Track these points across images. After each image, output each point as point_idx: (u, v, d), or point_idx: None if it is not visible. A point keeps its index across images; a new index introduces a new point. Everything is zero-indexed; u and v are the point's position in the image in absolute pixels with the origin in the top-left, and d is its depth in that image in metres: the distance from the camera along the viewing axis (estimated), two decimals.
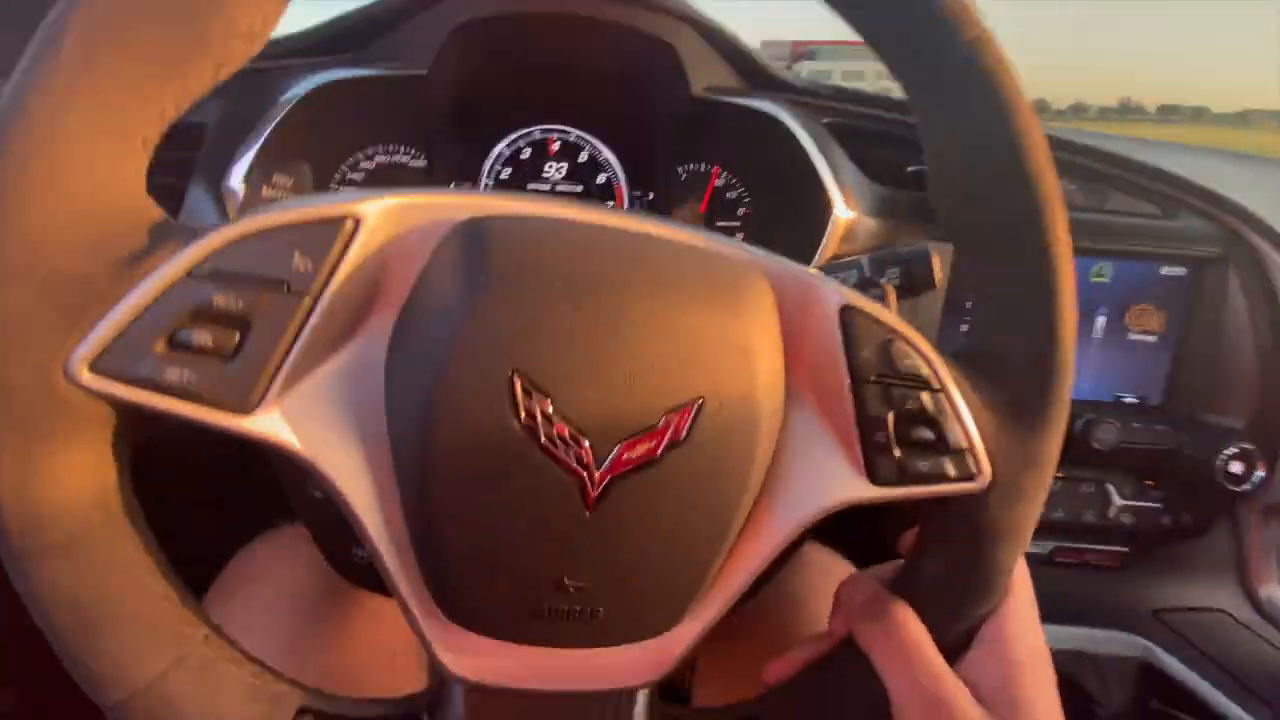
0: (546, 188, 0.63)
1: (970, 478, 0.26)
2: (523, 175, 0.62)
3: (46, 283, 0.20)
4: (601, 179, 0.64)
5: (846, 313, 0.25)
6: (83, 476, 0.21)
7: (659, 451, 0.22)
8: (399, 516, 0.23)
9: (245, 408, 0.21)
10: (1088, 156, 0.59)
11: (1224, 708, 0.52)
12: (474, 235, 0.23)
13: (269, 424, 0.22)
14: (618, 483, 0.22)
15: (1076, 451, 0.57)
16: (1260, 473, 0.55)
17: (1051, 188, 0.26)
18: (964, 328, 0.59)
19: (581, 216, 0.25)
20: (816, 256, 0.55)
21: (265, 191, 0.27)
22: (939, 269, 0.42)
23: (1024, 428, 0.27)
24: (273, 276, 0.21)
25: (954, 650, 0.28)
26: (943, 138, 0.27)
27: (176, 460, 0.36)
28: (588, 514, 0.22)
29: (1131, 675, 0.57)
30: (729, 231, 0.65)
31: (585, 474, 0.22)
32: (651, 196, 0.65)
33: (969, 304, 0.57)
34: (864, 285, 0.44)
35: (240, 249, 0.21)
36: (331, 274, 0.22)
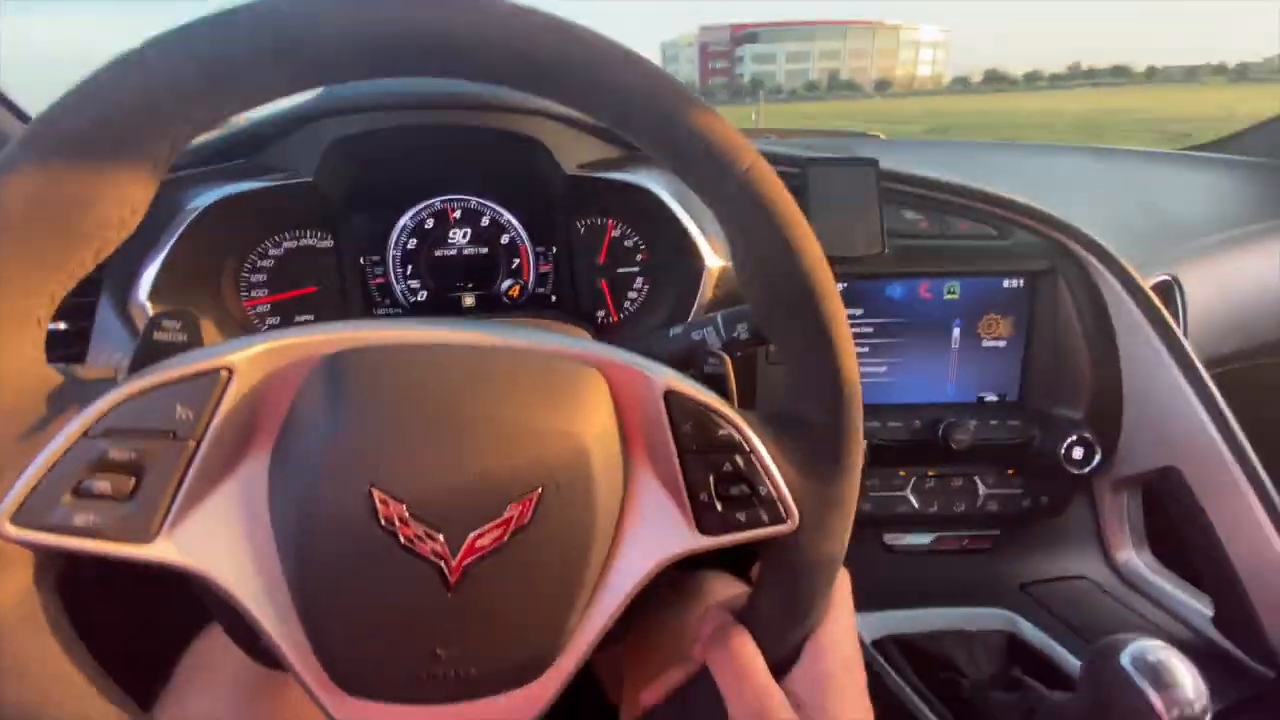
0: (454, 252, 0.68)
1: (781, 521, 0.31)
2: (429, 243, 0.67)
3: None
4: (505, 239, 0.69)
5: (670, 395, 0.30)
6: (14, 606, 0.26)
7: (506, 538, 0.27)
8: (290, 611, 0.28)
9: (145, 539, 0.26)
10: (929, 189, 0.66)
11: (1072, 668, 0.59)
12: (331, 374, 0.27)
13: (167, 550, 0.26)
14: (472, 567, 0.27)
15: (942, 453, 0.64)
16: (1098, 456, 0.63)
17: (825, 281, 0.31)
18: None
19: (428, 338, 0.30)
20: (695, 302, 0.61)
21: (157, 335, 0.31)
22: None
23: (822, 475, 0.32)
24: (159, 428, 0.26)
25: (781, 667, 0.34)
26: (736, 245, 0.32)
27: (117, 578, 0.40)
28: (449, 595, 0.27)
29: (997, 647, 0.63)
30: (629, 278, 0.71)
31: (442, 563, 0.27)
32: (554, 250, 0.70)
33: None
34: (720, 345, 0.50)
35: (128, 407, 0.26)
36: (211, 419, 0.26)
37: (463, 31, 0.25)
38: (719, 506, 0.30)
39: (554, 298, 0.71)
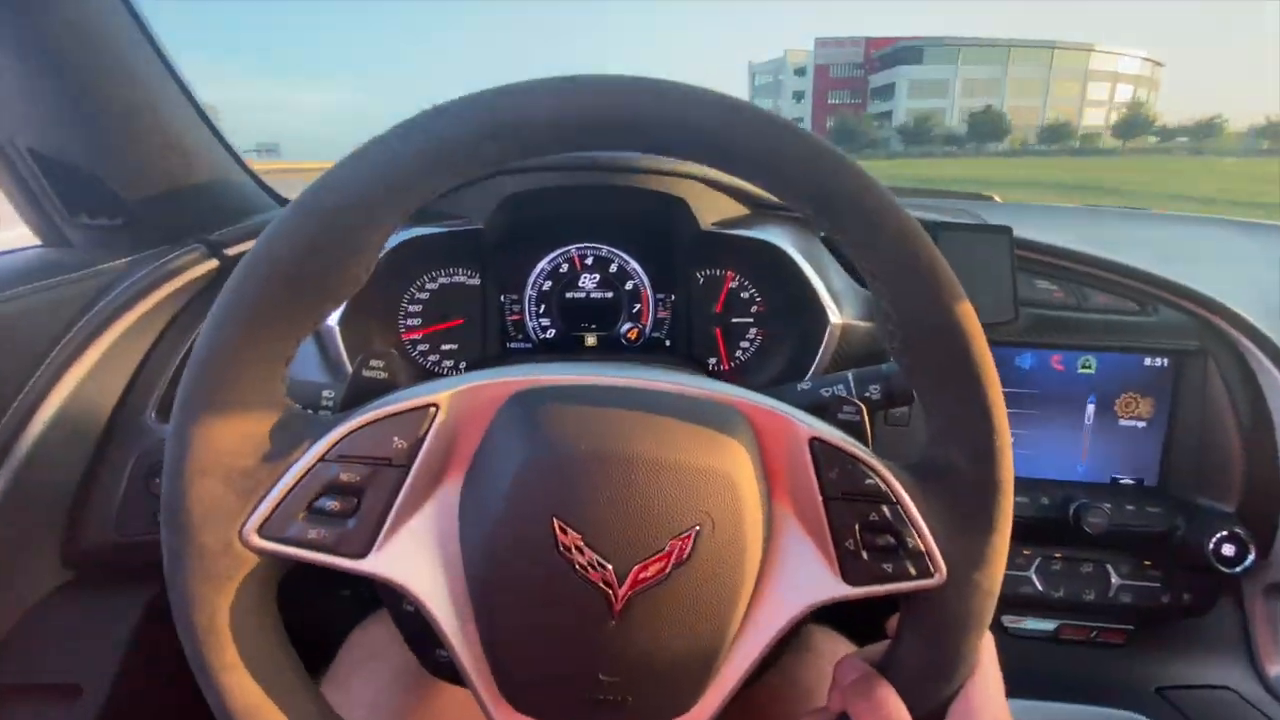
0: (582, 294, 0.73)
1: (929, 575, 0.31)
2: (561, 285, 0.72)
3: (227, 476, 0.29)
4: (629, 285, 0.73)
5: (815, 442, 0.32)
6: (252, 611, 0.30)
7: (667, 571, 0.29)
8: (472, 627, 0.31)
9: (362, 554, 0.30)
10: (1066, 259, 0.65)
11: None
12: (517, 412, 0.31)
13: (378, 564, 0.30)
14: (636, 597, 0.29)
15: (1072, 535, 0.60)
16: (1252, 555, 0.57)
17: (976, 332, 0.31)
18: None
19: (597, 381, 0.33)
20: (817, 359, 0.62)
21: (366, 372, 0.37)
22: None
23: (972, 531, 0.32)
24: (379, 456, 0.30)
25: None
26: (884, 296, 0.32)
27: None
28: (614, 622, 0.29)
29: None
30: (744, 327, 0.73)
31: (610, 591, 0.29)
32: (674, 298, 0.74)
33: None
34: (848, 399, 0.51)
35: (356, 437, 0.30)
36: (419, 448, 0.30)
37: (646, 115, 0.28)
38: (865, 556, 0.31)
39: (668, 342, 0.74)
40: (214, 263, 0.55)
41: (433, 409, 0.31)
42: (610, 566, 0.29)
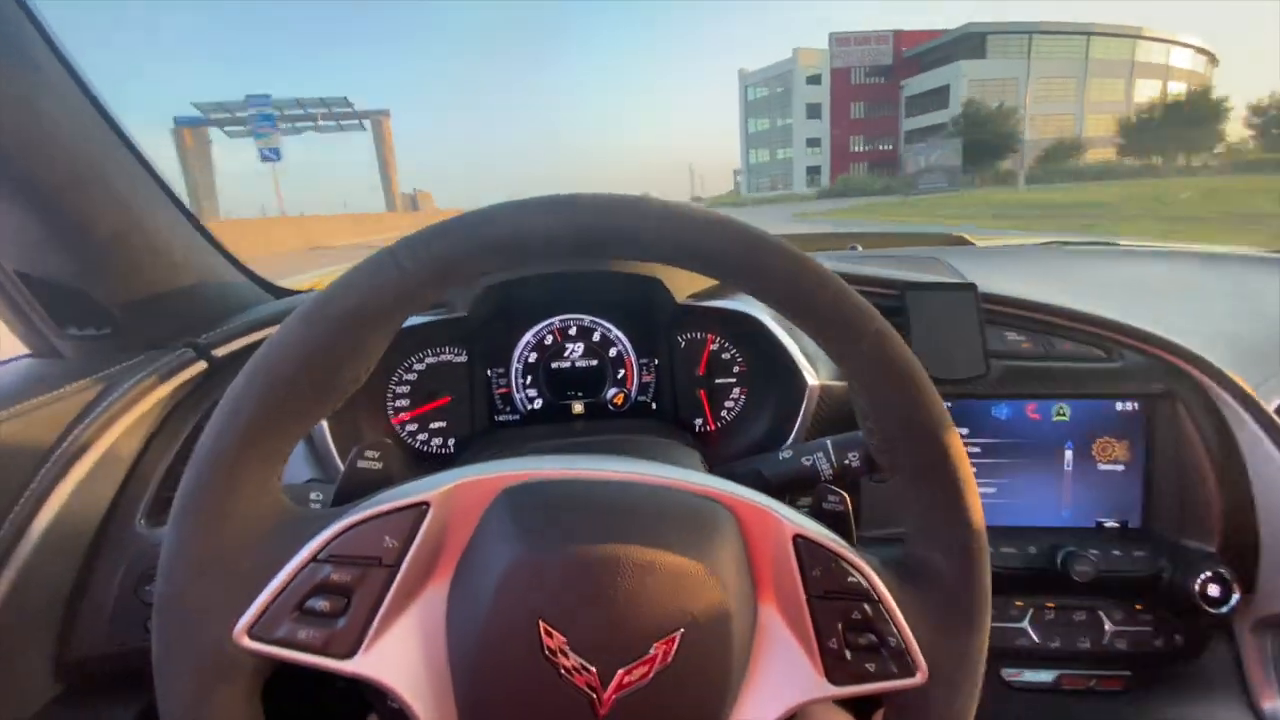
0: (568, 364, 0.74)
1: (911, 674, 0.32)
2: (547, 356, 0.74)
3: (223, 576, 0.29)
4: (613, 352, 0.75)
5: (799, 540, 0.32)
6: (237, 712, 0.30)
7: (651, 675, 0.30)
8: None
9: (349, 655, 0.30)
10: (1031, 310, 0.67)
11: None
12: (505, 511, 0.32)
13: (364, 665, 0.30)
14: (621, 701, 0.30)
15: (1063, 583, 0.61)
16: (1236, 594, 0.58)
17: (954, 440, 0.33)
18: None
19: (585, 475, 0.34)
20: (798, 422, 0.64)
21: (360, 464, 0.37)
22: None
23: (953, 630, 0.32)
24: (370, 555, 0.30)
25: None
26: (863, 400, 0.34)
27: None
28: None
29: None
30: (727, 388, 0.75)
31: (595, 695, 0.30)
32: (657, 362, 0.75)
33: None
34: (832, 474, 0.52)
35: (347, 537, 0.31)
36: (408, 548, 0.31)
37: (638, 231, 0.31)
38: (848, 655, 0.32)
39: (654, 405, 0.75)
40: (202, 365, 0.56)
41: (424, 507, 0.31)
42: (594, 670, 0.29)
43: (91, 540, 0.50)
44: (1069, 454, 0.66)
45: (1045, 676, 0.65)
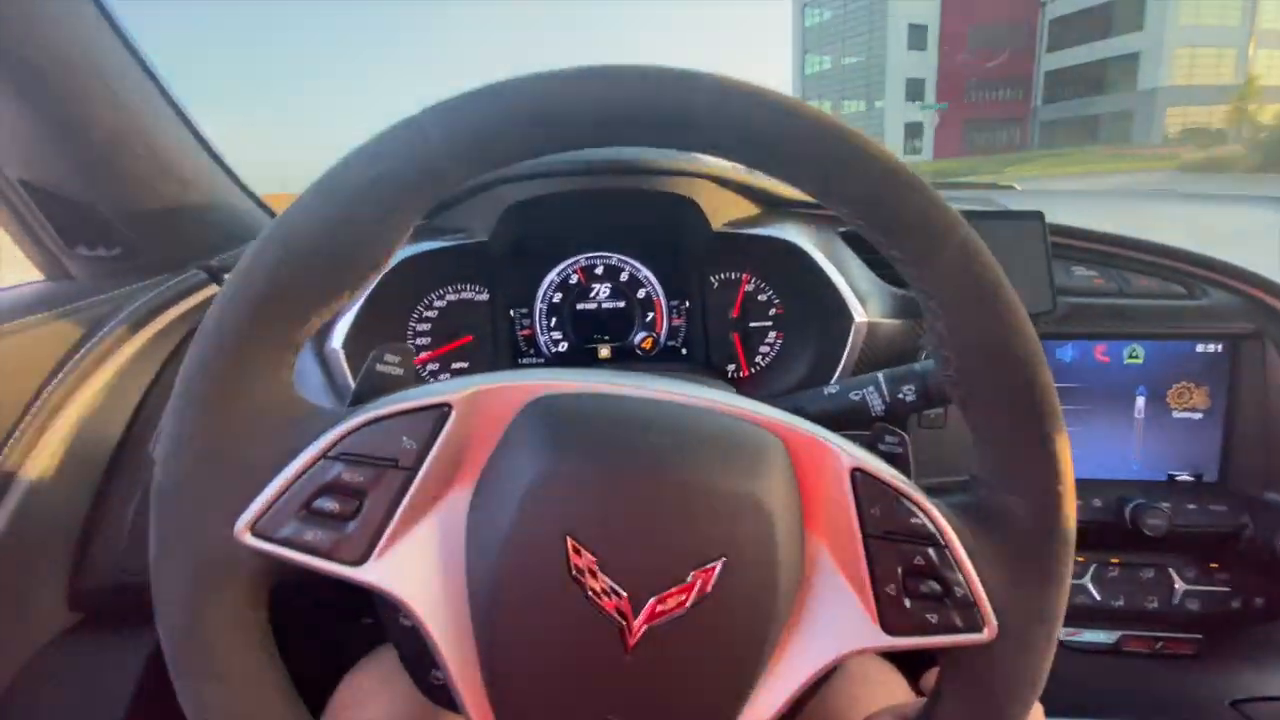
0: (594, 305, 0.71)
1: (977, 629, 0.28)
2: (572, 297, 0.70)
3: (225, 467, 0.27)
4: (641, 293, 0.71)
5: (856, 474, 0.29)
6: (238, 618, 0.27)
7: (688, 605, 0.26)
8: (472, 648, 0.28)
9: (359, 561, 0.27)
10: (1104, 243, 0.61)
11: None
12: (535, 419, 0.28)
13: (375, 574, 0.27)
14: (652, 632, 0.26)
15: (1130, 538, 0.56)
16: None
17: (1043, 369, 0.28)
18: None
19: (620, 390, 0.30)
20: (842, 361, 0.59)
21: (380, 367, 0.34)
22: None
23: (1029, 583, 0.29)
24: (386, 455, 0.27)
25: None
26: (940, 320, 0.30)
27: (296, 595, 0.43)
28: (627, 657, 0.27)
29: None
30: (762, 332, 0.71)
31: (624, 623, 0.26)
32: (688, 304, 0.71)
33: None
34: (883, 410, 0.48)
35: (362, 435, 0.27)
36: (428, 451, 0.28)
37: (698, 110, 0.26)
38: (907, 603, 0.28)
39: (685, 350, 0.72)
40: (214, 288, 0.54)
41: (446, 409, 0.28)
42: (626, 595, 0.26)
43: (106, 465, 0.49)
44: (1141, 401, 0.60)
45: (1105, 637, 0.61)
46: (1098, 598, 0.59)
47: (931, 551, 0.28)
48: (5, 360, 0.43)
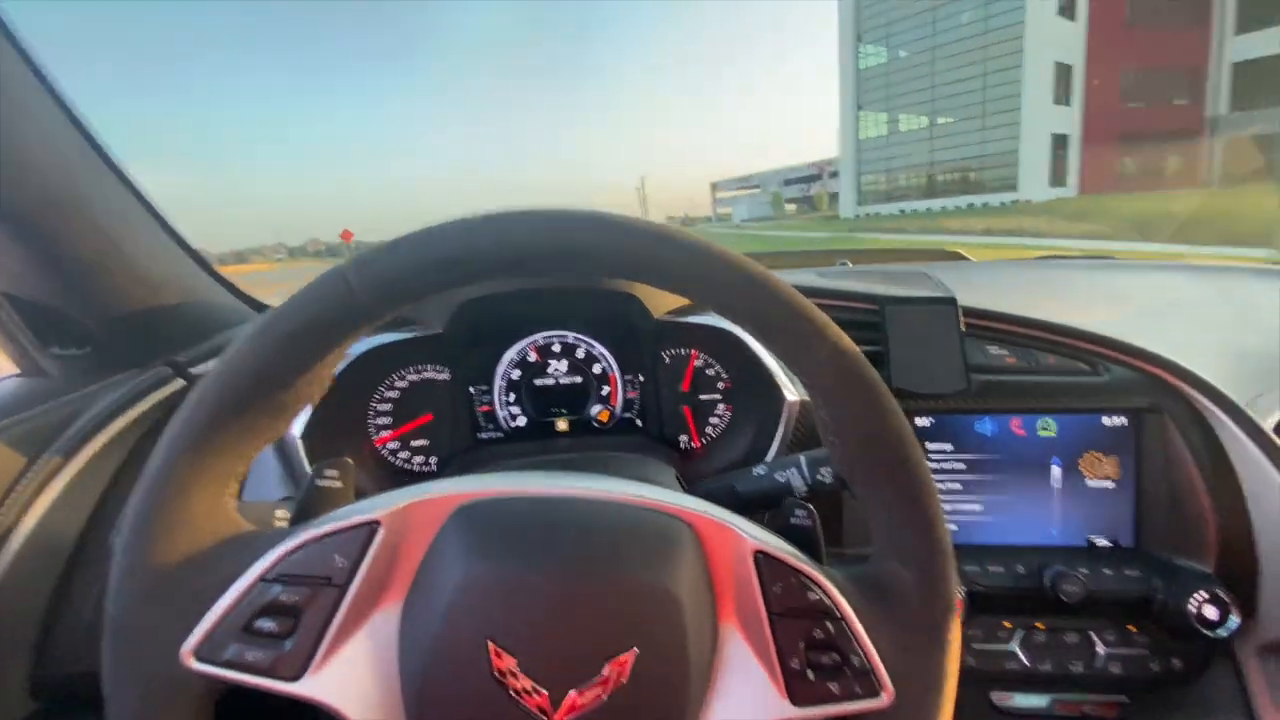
0: (552, 381, 0.74)
1: (876, 695, 0.31)
2: (530, 373, 0.74)
3: (172, 597, 0.29)
4: (597, 368, 0.75)
5: (759, 555, 0.32)
6: None
7: (604, 697, 0.29)
8: None
9: (297, 676, 0.30)
10: (1013, 324, 0.66)
11: None
12: (459, 527, 0.31)
13: (312, 688, 0.30)
14: None
15: (1053, 604, 0.59)
16: (1234, 618, 0.55)
17: (910, 447, 0.32)
18: None
19: (540, 490, 0.33)
20: (777, 436, 0.63)
21: (319, 483, 0.38)
22: None
23: (919, 649, 0.31)
24: (320, 574, 0.30)
25: None
26: (821, 410, 0.34)
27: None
28: None
29: None
30: (711, 404, 0.75)
31: (545, 717, 0.29)
32: (641, 378, 0.75)
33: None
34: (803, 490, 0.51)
35: (298, 555, 0.30)
36: (358, 568, 0.31)
37: (584, 244, 0.31)
38: (811, 675, 0.31)
39: (639, 422, 0.75)
40: (180, 383, 0.57)
41: (374, 525, 0.31)
42: (546, 692, 0.29)
43: (68, 557, 0.51)
44: (1056, 470, 0.64)
45: (1038, 701, 0.63)
46: (1027, 663, 0.62)
47: (830, 624, 0.31)
48: None
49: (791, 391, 0.63)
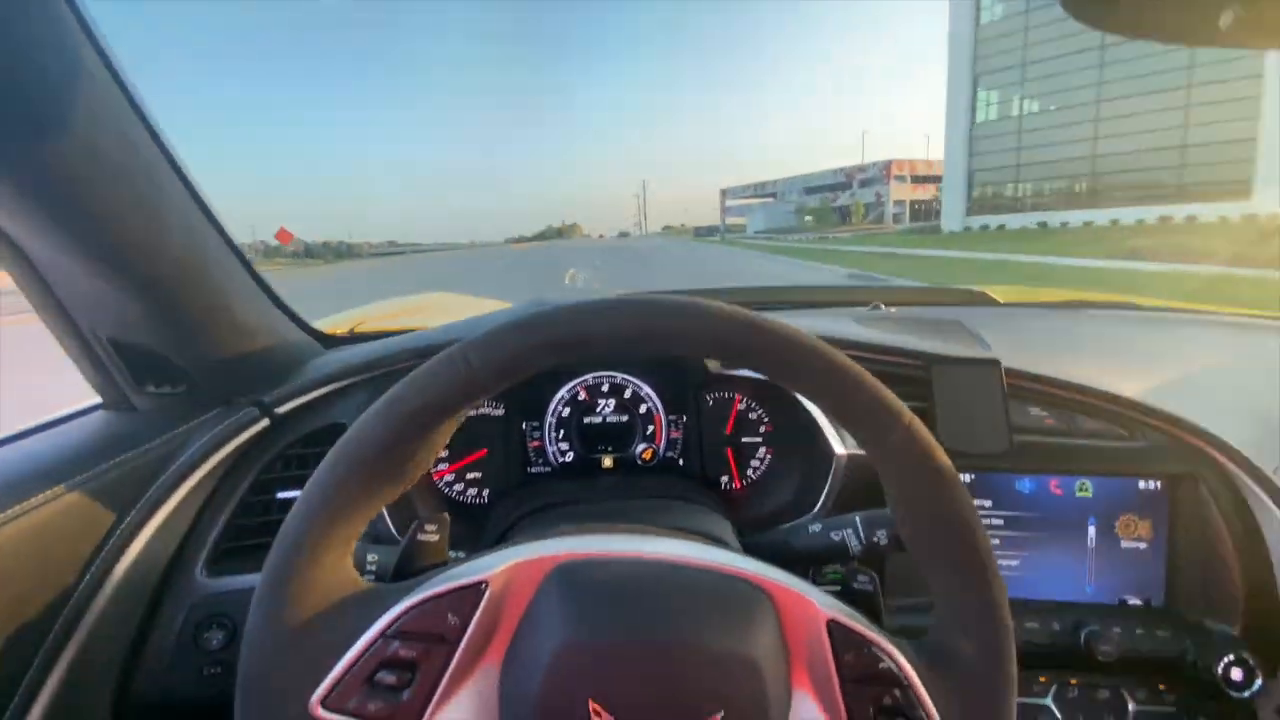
0: (599, 419, 0.77)
1: None
2: (579, 411, 0.77)
3: (300, 650, 0.32)
4: (643, 409, 0.77)
5: (832, 625, 0.34)
6: None
7: None
8: None
9: None
10: (1054, 388, 0.69)
11: None
12: (558, 589, 0.34)
13: None
14: None
15: (1086, 660, 0.62)
16: (1259, 680, 0.58)
17: (978, 533, 0.35)
18: None
19: (635, 554, 0.36)
20: (824, 492, 0.66)
21: (420, 537, 0.41)
22: None
23: (979, 714, 0.34)
24: (434, 632, 0.33)
25: None
26: (894, 490, 0.36)
27: None
28: None
29: None
30: (753, 447, 0.77)
31: None
32: (685, 419, 0.78)
33: None
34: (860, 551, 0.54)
35: (414, 613, 0.33)
36: (468, 625, 0.33)
37: (690, 332, 0.34)
38: None
39: (681, 462, 0.78)
40: (266, 423, 0.60)
41: (484, 586, 0.34)
42: None
43: (155, 589, 0.53)
44: (1092, 530, 0.67)
45: None
46: (1060, 717, 0.64)
47: (898, 692, 0.33)
48: (85, 503, 0.48)
49: (840, 446, 0.66)
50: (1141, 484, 0.66)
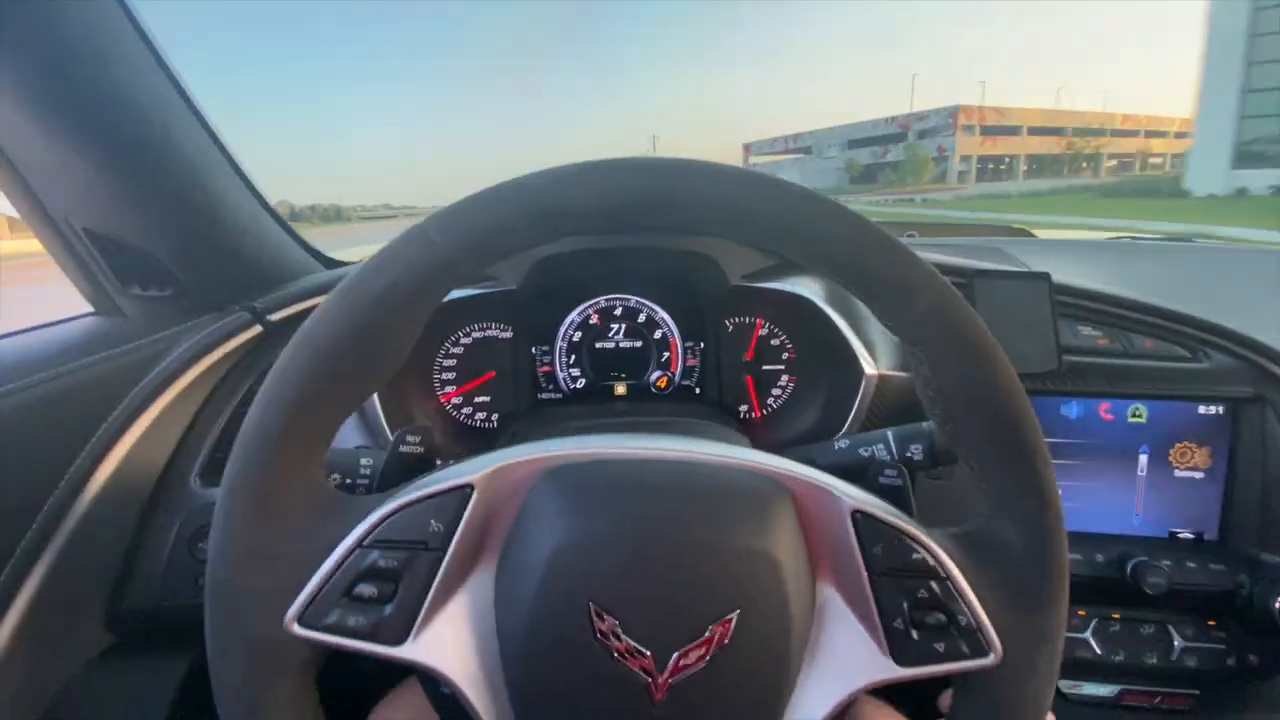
0: (612, 344, 0.73)
1: (984, 654, 0.30)
2: (591, 336, 0.73)
3: (271, 562, 0.29)
4: (658, 334, 0.73)
5: (857, 515, 0.31)
6: (293, 702, 0.29)
7: (708, 658, 0.29)
8: (509, 711, 0.30)
9: (399, 641, 0.29)
10: (1109, 305, 0.63)
11: None
12: (551, 489, 0.31)
13: (415, 651, 0.29)
14: (678, 685, 0.28)
15: (1131, 594, 0.58)
16: None
17: (1022, 403, 0.30)
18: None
19: (632, 453, 0.32)
20: (852, 413, 0.61)
21: (402, 449, 0.37)
22: None
23: (1028, 607, 0.30)
24: (416, 539, 0.30)
25: None
26: (924, 365, 0.31)
27: None
28: (655, 711, 0.29)
29: None
30: (774, 375, 0.73)
31: (650, 680, 0.28)
32: (703, 345, 0.73)
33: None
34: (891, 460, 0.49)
35: (393, 521, 0.30)
36: (455, 532, 0.30)
37: (679, 194, 0.29)
38: (915, 635, 0.30)
39: (699, 390, 0.74)
40: (258, 329, 0.57)
41: (468, 489, 0.30)
42: (649, 654, 0.28)
43: (148, 497, 0.51)
44: (1144, 458, 0.62)
45: (1106, 690, 0.62)
46: (1099, 651, 0.60)
47: (934, 584, 0.30)
48: (68, 398, 0.46)
49: (871, 365, 0.61)
50: (1201, 408, 0.61)
